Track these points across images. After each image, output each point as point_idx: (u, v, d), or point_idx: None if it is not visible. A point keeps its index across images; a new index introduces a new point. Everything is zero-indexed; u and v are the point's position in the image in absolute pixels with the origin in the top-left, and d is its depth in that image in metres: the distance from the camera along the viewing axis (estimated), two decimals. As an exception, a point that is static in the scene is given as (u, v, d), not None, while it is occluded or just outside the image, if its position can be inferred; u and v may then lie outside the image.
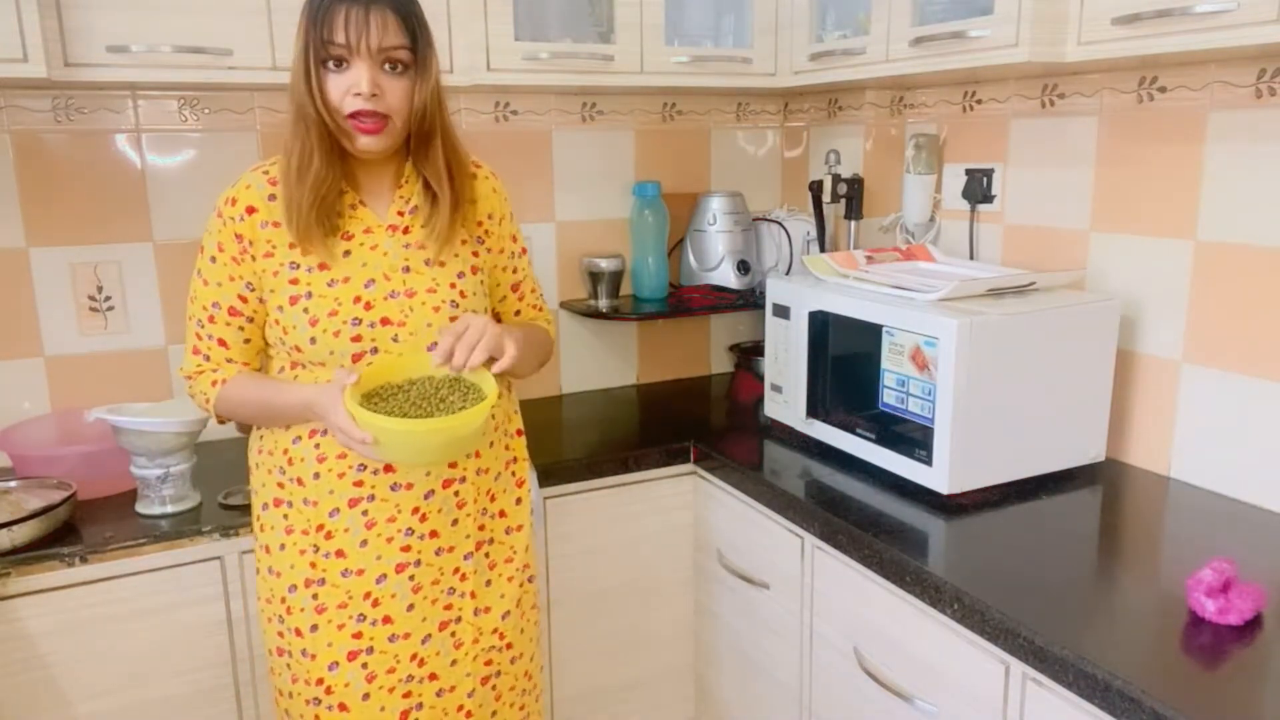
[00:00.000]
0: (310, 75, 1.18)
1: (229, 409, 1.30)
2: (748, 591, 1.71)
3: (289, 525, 1.30)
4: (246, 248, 1.25)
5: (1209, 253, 1.49)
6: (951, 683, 1.25)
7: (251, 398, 1.28)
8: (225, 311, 1.28)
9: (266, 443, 1.33)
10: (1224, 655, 1.04)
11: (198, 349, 1.31)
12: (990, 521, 1.41)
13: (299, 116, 1.21)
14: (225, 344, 1.29)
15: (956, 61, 1.52)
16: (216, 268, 1.27)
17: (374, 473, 1.26)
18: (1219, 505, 1.46)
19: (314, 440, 1.27)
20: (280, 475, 1.30)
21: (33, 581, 1.42)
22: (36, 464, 1.61)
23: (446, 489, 1.31)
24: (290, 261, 1.25)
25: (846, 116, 2.19)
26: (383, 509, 1.27)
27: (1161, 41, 1.25)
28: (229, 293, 1.27)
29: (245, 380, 1.29)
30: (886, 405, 1.56)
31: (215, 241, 1.27)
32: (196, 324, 1.30)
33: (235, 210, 1.26)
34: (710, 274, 2.22)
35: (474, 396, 1.20)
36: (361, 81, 1.18)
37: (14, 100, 1.72)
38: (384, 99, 1.20)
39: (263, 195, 1.26)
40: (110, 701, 1.49)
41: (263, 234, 1.26)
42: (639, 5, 1.86)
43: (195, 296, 1.30)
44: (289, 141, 1.22)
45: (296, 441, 1.28)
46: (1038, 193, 1.78)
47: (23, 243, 1.77)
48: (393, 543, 1.28)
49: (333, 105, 1.19)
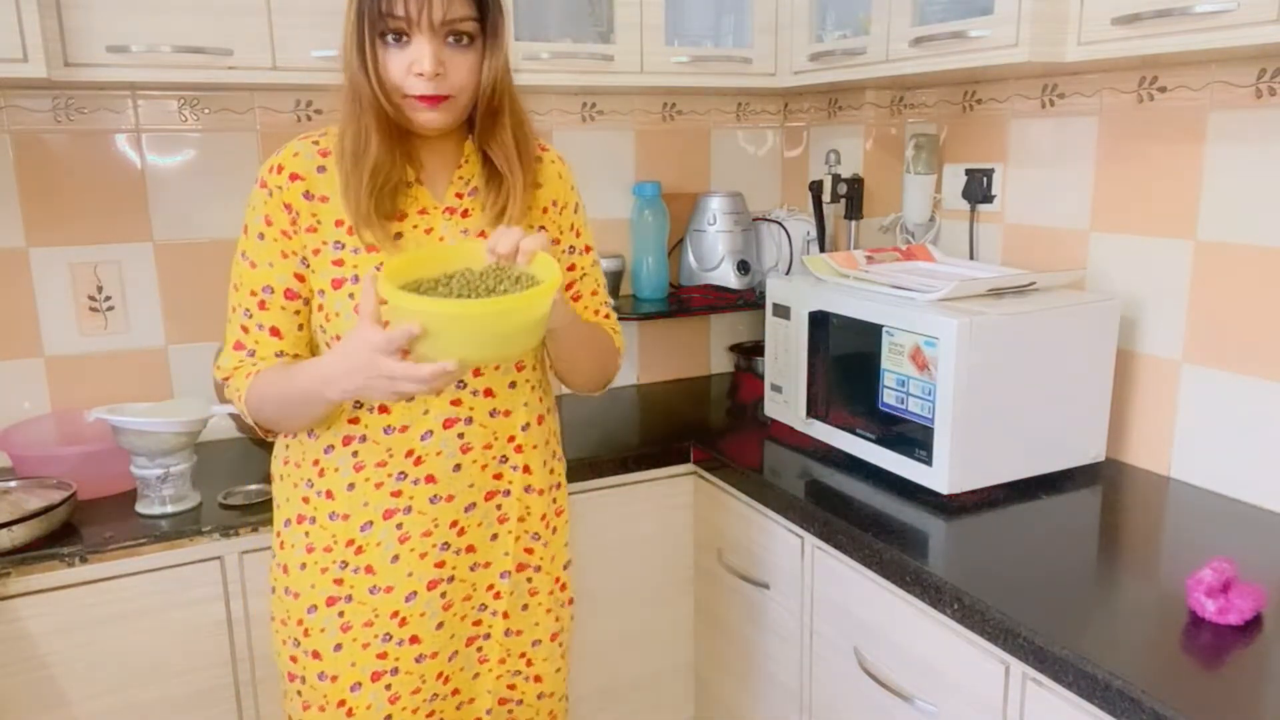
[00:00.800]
0: (365, 50, 1.06)
1: (258, 404, 1.15)
2: (748, 591, 1.71)
3: (310, 543, 1.20)
4: (295, 218, 1.13)
5: (1209, 253, 1.49)
6: (951, 683, 1.25)
7: (275, 381, 1.13)
8: (281, 295, 1.15)
9: (294, 453, 1.22)
10: (1224, 655, 1.04)
11: (241, 343, 1.17)
12: (990, 521, 1.41)
13: (353, 95, 1.10)
14: (279, 333, 1.16)
15: (956, 61, 1.52)
16: (266, 245, 1.14)
17: (414, 482, 1.17)
18: (1219, 505, 1.46)
19: (350, 448, 1.17)
20: (307, 489, 1.20)
21: (33, 581, 1.41)
22: (36, 464, 1.61)
23: (489, 501, 1.23)
24: (335, 240, 1.14)
25: (846, 116, 2.19)
26: (419, 522, 1.19)
27: (1161, 41, 1.25)
28: (283, 272, 1.15)
29: (273, 368, 1.15)
30: (886, 405, 1.56)
31: (262, 215, 1.14)
32: (243, 314, 1.16)
33: (280, 178, 1.13)
34: (710, 274, 2.22)
35: (529, 282, 1.03)
36: (423, 59, 1.05)
37: (14, 100, 1.72)
38: (448, 77, 1.08)
39: (311, 165, 1.14)
40: (110, 701, 1.49)
41: (307, 206, 1.14)
42: (639, 5, 1.86)
43: (240, 283, 1.16)
44: (343, 121, 1.12)
45: (329, 451, 1.18)
46: (1038, 193, 1.78)
47: (23, 243, 1.77)
48: (426, 558, 1.20)
49: (390, 84, 1.08)
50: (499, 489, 1.24)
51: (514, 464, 1.24)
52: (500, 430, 1.22)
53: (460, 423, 1.18)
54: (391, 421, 1.16)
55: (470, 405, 1.18)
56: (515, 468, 1.24)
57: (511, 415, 1.22)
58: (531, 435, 1.25)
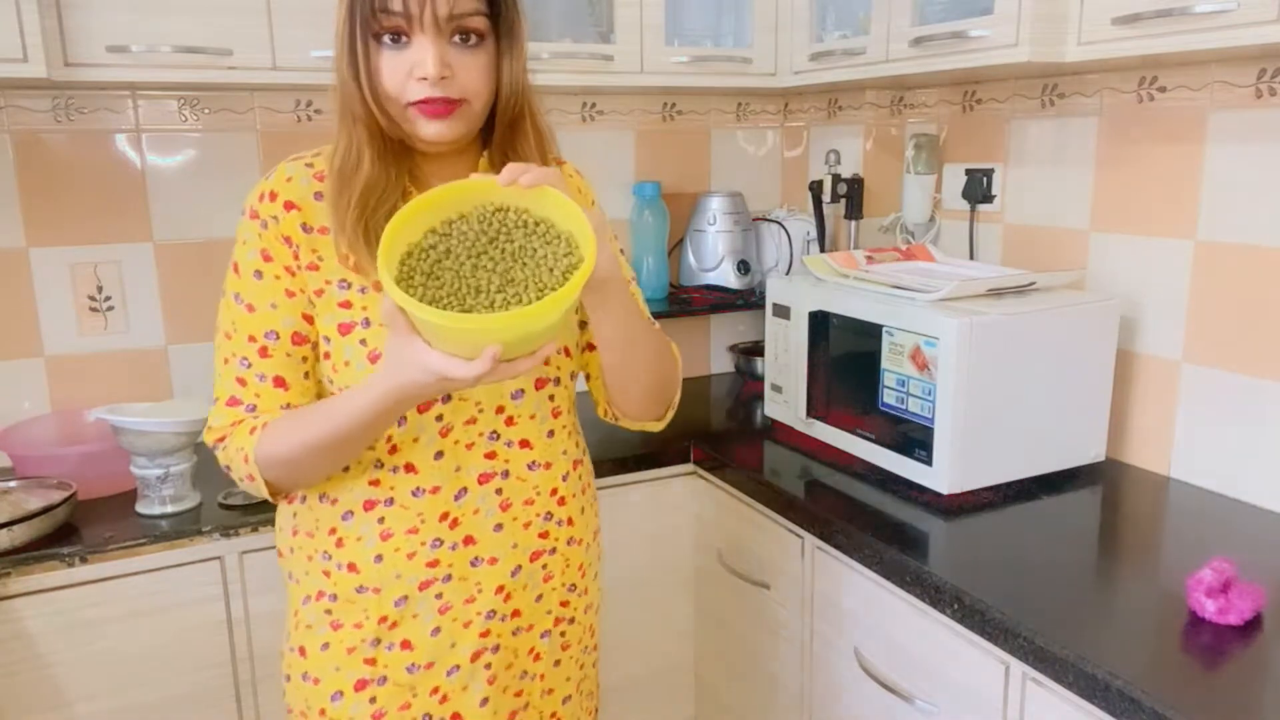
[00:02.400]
0: (356, 54, 0.93)
1: (270, 458, 0.97)
2: (748, 591, 1.71)
3: (335, 620, 1.05)
4: (296, 252, 0.99)
5: (1209, 253, 1.49)
6: (951, 683, 1.25)
7: (294, 427, 0.97)
8: (288, 340, 1.00)
9: (304, 521, 1.07)
10: (1224, 655, 1.04)
11: (238, 398, 1.00)
12: (990, 521, 1.41)
13: (344, 105, 0.96)
14: (284, 384, 1.01)
15: (956, 61, 1.52)
16: (266, 285, 0.99)
17: (451, 547, 1.04)
18: (1219, 505, 1.46)
19: (374, 515, 1.03)
20: (325, 561, 1.05)
21: (33, 581, 1.41)
22: (36, 464, 1.61)
23: (535, 562, 1.10)
24: (340, 279, 0.99)
25: (846, 116, 2.19)
26: (460, 589, 1.05)
27: (1161, 41, 1.25)
28: (289, 314, 1.00)
29: (285, 415, 0.99)
30: (886, 405, 1.56)
31: (258, 250, 0.99)
32: (240, 364, 1.00)
33: (275, 207, 0.99)
34: (710, 274, 2.22)
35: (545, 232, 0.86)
36: (426, 60, 0.91)
37: (14, 100, 1.72)
38: (455, 80, 0.94)
39: (307, 192, 1.00)
40: (110, 701, 1.49)
41: (306, 240, 0.99)
42: (639, 5, 1.86)
43: (235, 329, 1.01)
44: (336, 134, 0.99)
45: (349, 518, 1.03)
46: (1038, 193, 1.78)
47: (23, 243, 1.77)
48: (471, 627, 1.06)
49: (388, 92, 0.94)
50: (544, 548, 1.11)
51: (559, 518, 1.12)
52: (542, 484, 1.09)
53: (497, 477, 1.06)
54: (420, 483, 1.03)
55: (506, 458, 1.06)
56: (560, 522, 1.12)
57: (552, 467, 1.10)
58: (571, 484, 1.13)
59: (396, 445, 1.02)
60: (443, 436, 1.03)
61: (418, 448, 1.02)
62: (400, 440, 1.02)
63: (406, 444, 1.02)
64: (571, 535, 1.14)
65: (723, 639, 1.84)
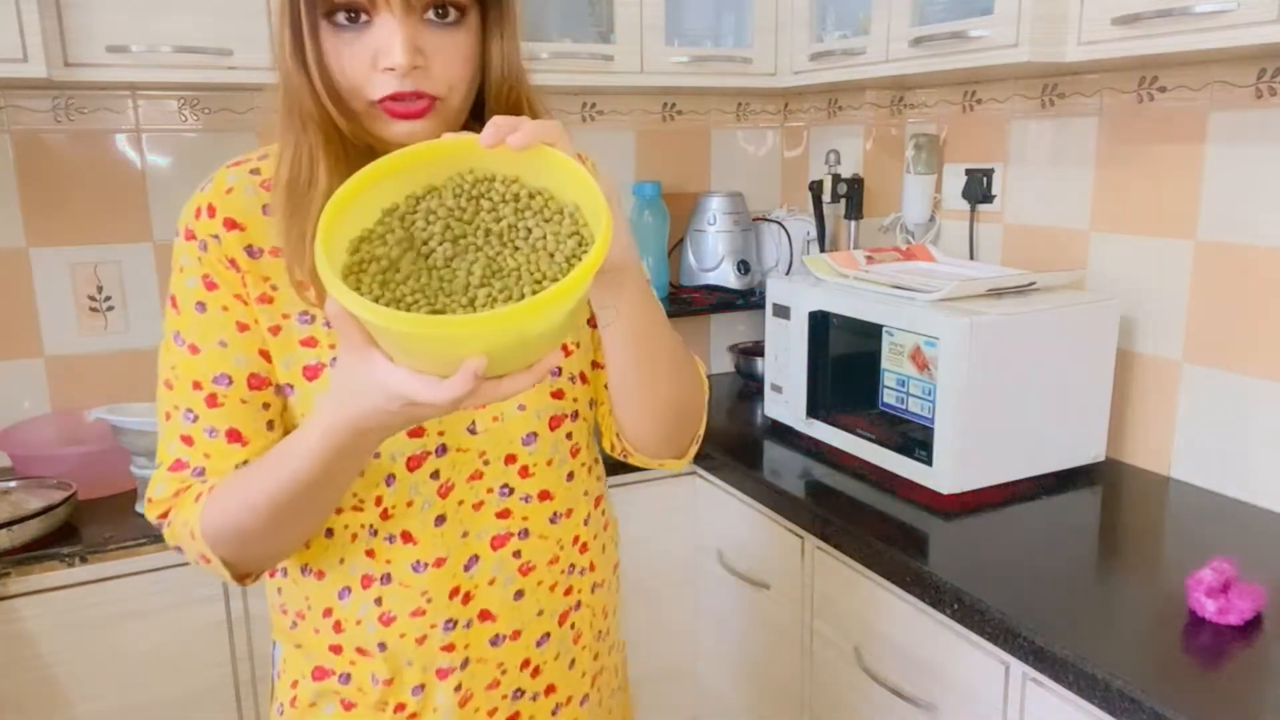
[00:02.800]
0: (303, 38, 0.74)
1: (222, 528, 0.78)
2: (748, 591, 1.71)
3: (347, 700, 0.90)
4: (244, 279, 0.81)
5: (1209, 253, 1.49)
6: (951, 683, 1.25)
7: (241, 488, 0.77)
8: (243, 384, 0.81)
9: (291, 599, 0.89)
10: (1224, 655, 1.04)
11: (183, 460, 0.81)
12: (990, 521, 1.41)
13: (289, 105, 0.77)
14: (240, 437, 0.81)
15: (956, 61, 1.52)
16: (211, 319, 0.80)
17: (467, 625, 0.87)
18: (1219, 505, 1.46)
19: (371, 593, 0.85)
20: (326, 638, 0.90)
21: (33, 581, 1.41)
22: (36, 464, 1.61)
23: (563, 625, 0.94)
24: (301, 311, 0.81)
25: (846, 116, 2.19)
26: (482, 673, 0.89)
27: (1161, 41, 1.24)
28: (242, 352, 0.81)
29: (232, 475, 0.80)
30: (886, 405, 1.56)
31: (198, 277, 0.80)
32: (184, 418, 0.81)
33: (214, 224, 0.80)
34: (710, 274, 2.22)
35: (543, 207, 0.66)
36: (393, 47, 0.72)
37: (14, 100, 1.72)
38: (430, 70, 0.75)
39: (252, 205, 0.81)
40: (110, 701, 1.49)
41: (254, 266, 0.80)
42: (639, 5, 1.86)
43: (177, 376, 0.82)
44: (279, 142, 0.79)
45: (345, 596, 0.86)
46: (1037, 193, 1.78)
47: (23, 243, 1.77)
48: (497, 714, 0.91)
49: (344, 87, 0.75)
50: (570, 605, 0.95)
51: (581, 567, 0.95)
52: (564, 536, 0.93)
53: (514, 538, 0.89)
54: (421, 555, 0.85)
55: (523, 514, 0.89)
56: (583, 571, 0.96)
57: (574, 513, 0.94)
58: (594, 525, 0.97)
59: (389, 510, 0.84)
60: (443, 497, 0.85)
61: (413, 513, 0.85)
62: (392, 503, 0.84)
63: (400, 508, 0.84)
64: (595, 581, 0.98)
65: (723, 639, 1.84)
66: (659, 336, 0.83)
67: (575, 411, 0.92)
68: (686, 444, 0.96)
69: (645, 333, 0.81)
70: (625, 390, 0.87)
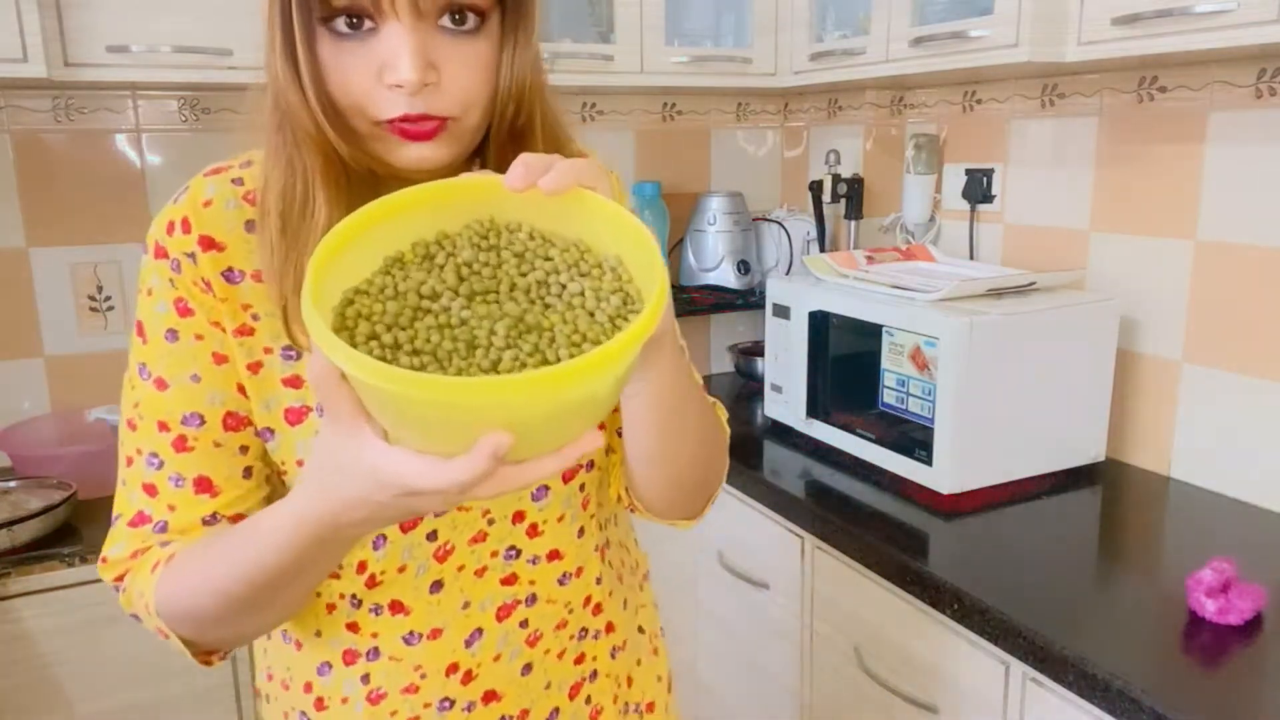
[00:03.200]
0: (295, 45, 0.63)
1: (177, 607, 0.67)
2: (748, 591, 1.71)
3: None
4: (221, 306, 0.70)
5: (1209, 253, 1.49)
6: (951, 683, 1.25)
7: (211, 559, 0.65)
8: (218, 424, 0.70)
9: (275, 663, 0.81)
10: (1224, 655, 1.04)
11: (146, 514, 0.70)
12: (990, 521, 1.41)
13: (280, 123, 0.67)
14: (210, 486, 0.70)
15: (956, 61, 1.52)
16: (183, 349, 0.70)
17: (467, 708, 0.77)
18: (1219, 505, 1.46)
19: (356, 670, 0.76)
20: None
21: (33, 581, 1.41)
22: (36, 464, 1.61)
23: (575, 698, 0.84)
24: (284, 346, 0.71)
25: (846, 116, 2.19)
26: None
27: (1161, 41, 1.24)
28: (218, 388, 0.70)
29: (196, 544, 0.68)
30: (886, 405, 1.56)
31: (169, 302, 0.70)
32: (148, 463, 0.70)
33: (187, 242, 0.69)
34: (710, 274, 2.22)
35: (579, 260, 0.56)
36: (401, 61, 0.62)
37: (14, 100, 1.72)
38: (443, 87, 0.64)
39: (233, 222, 0.71)
40: (110, 701, 1.49)
41: (235, 293, 0.70)
42: (639, 5, 1.86)
43: (140, 415, 0.70)
44: (268, 163, 0.69)
45: (326, 672, 0.76)
46: (1038, 193, 1.77)
47: (23, 243, 1.77)
48: None
49: (346, 104, 0.64)
50: (584, 674, 0.84)
51: (594, 630, 0.84)
52: (574, 598, 0.82)
53: (521, 606, 0.79)
54: (415, 626, 0.75)
55: (530, 578, 0.79)
56: (597, 634, 0.84)
57: (585, 571, 0.83)
58: (607, 581, 0.85)
59: (376, 577, 0.73)
60: (440, 561, 0.75)
61: (405, 580, 0.74)
62: (381, 568, 0.73)
63: (390, 575, 0.74)
64: (614, 645, 0.86)
65: (723, 639, 1.84)
66: (688, 411, 0.72)
67: (590, 461, 0.81)
68: (702, 506, 0.84)
69: (674, 407, 0.70)
70: (644, 461, 0.75)
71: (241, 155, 0.75)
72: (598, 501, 0.84)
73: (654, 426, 0.70)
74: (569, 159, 0.56)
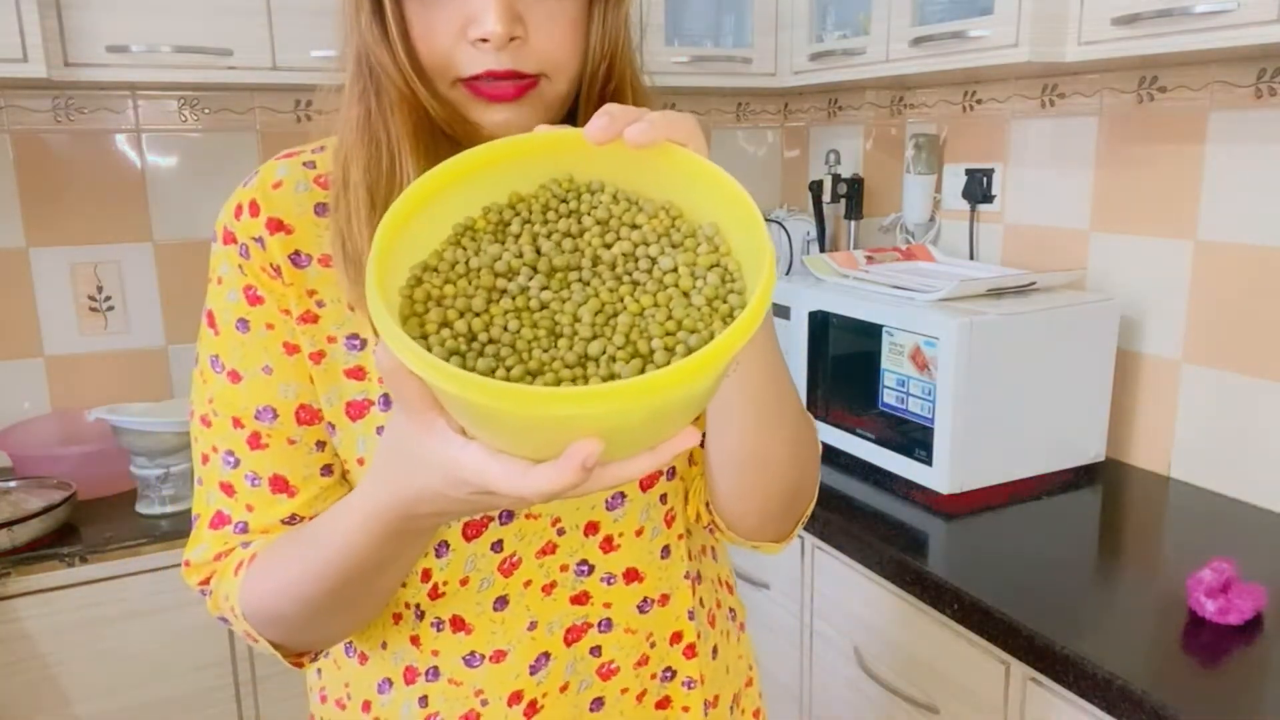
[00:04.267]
0: (384, 8, 0.60)
1: (264, 609, 0.65)
2: (748, 591, 1.71)
3: None
4: (289, 291, 0.67)
5: (1209, 253, 1.49)
6: (951, 683, 1.25)
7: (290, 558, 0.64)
8: (291, 419, 0.67)
9: (331, 682, 0.76)
10: (1224, 655, 1.04)
11: (225, 514, 0.68)
12: (990, 521, 1.41)
13: (364, 87, 0.63)
14: (287, 486, 0.67)
15: (956, 61, 1.52)
16: (254, 340, 0.66)
17: None
18: (1219, 505, 1.46)
19: (415, 690, 0.71)
20: None
21: (33, 581, 1.41)
22: (36, 464, 1.61)
23: None
24: (349, 334, 0.67)
25: (846, 116, 2.19)
26: None
27: (1161, 42, 1.24)
28: (291, 379, 0.67)
29: (280, 540, 0.66)
30: (886, 405, 1.56)
31: (239, 290, 0.67)
32: (224, 462, 0.67)
33: (255, 225, 0.66)
34: (710, 274, 2.22)
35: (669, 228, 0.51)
36: (486, 13, 0.58)
37: (14, 100, 1.72)
38: (530, 43, 0.61)
39: (303, 204, 0.67)
40: (110, 701, 1.49)
41: (301, 278, 0.66)
42: (639, 5, 1.86)
43: (214, 410, 0.67)
44: (349, 138, 0.64)
45: (386, 689, 0.72)
46: (1038, 193, 1.77)
47: (23, 243, 1.77)
48: None
49: (431, 62, 0.61)
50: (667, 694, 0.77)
51: (686, 677, 0.76)
52: (658, 630, 0.75)
53: (593, 630, 0.72)
54: (476, 646, 0.70)
55: (604, 599, 0.72)
56: (689, 683, 0.76)
57: (671, 600, 0.75)
58: (700, 619, 0.78)
59: (438, 587, 0.69)
60: (505, 575, 0.69)
61: (468, 594, 0.69)
62: (443, 579, 0.68)
63: (452, 587, 0.69)
64: (707, 698, 0.78)
65: (723, 639, 1.84)
66: (782, 398, 0.67)
67: (673, 469, 0.74)
68: (791, 527, 0.77)
69: (768, 393, 0.64)
70: (732, 462, 0.69)
71: (313, 143, 0.71)
72: (684, 523, 0.76)
73: (746, 415, 0.65)
74: (661, 113, 0.51)
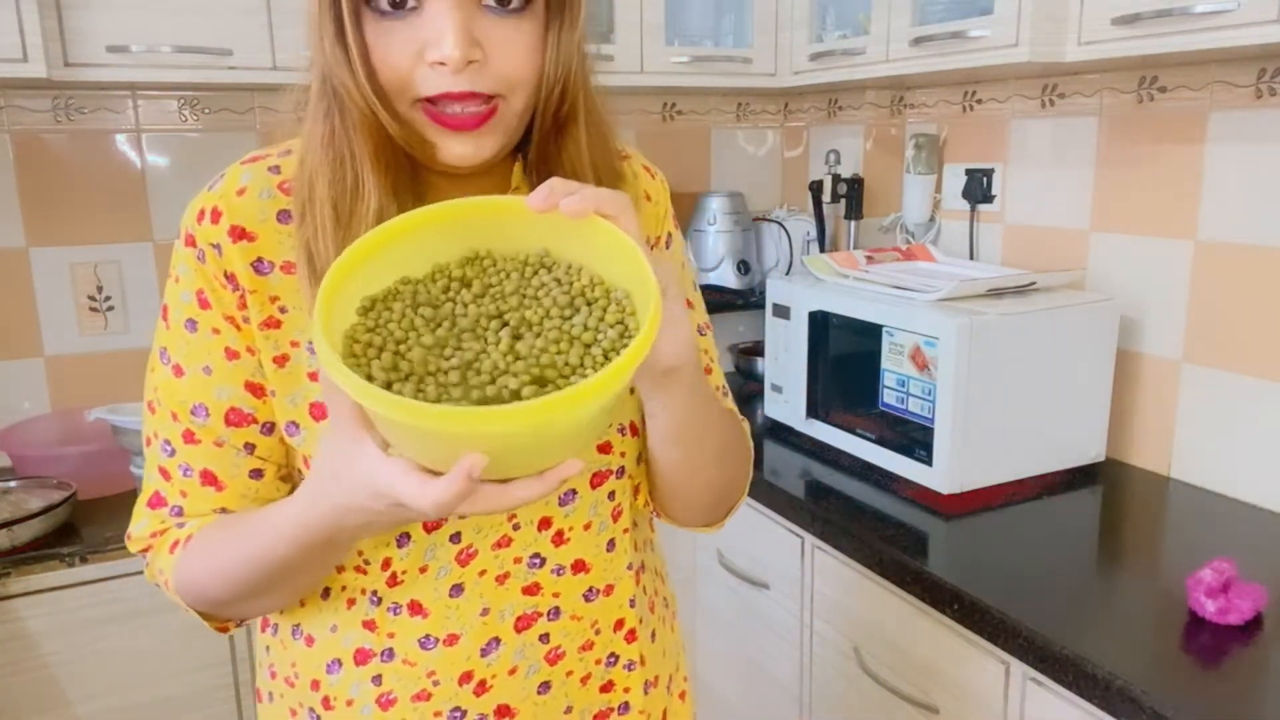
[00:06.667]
0: (344, 26, 0.63)
1: (195, 587, 0.71)
2: (748, 591, 1.71)
3: None
4: (243, 299, 0.70)
5: (1209, 253, 1.49)
6: (951, 683, 1.25)
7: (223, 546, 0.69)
8: (219, 420, 0.71)
9: (279, 660, 0.80)
10: (1224, 655, 1.04)
11: (162, 496, 0.73)
12: (990, 521, 1.41)
13: (327, 107, 0.66)
14: (215, 481, 0.72)
15: (956, 61, 1.52)
16: (198, 341, 0.71)
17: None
18: (1219, 505, 1.46)
19: (368, 670, 0.74)
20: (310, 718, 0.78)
21: (33, 581, 1.41)
22: (36, 464, 1.61)
23: None
24: (311, 341, 0.68)
25: (846, 116, 2.19)
26: None
27: (1161, 41, 1.24)
28: (225, 383, 0.71)
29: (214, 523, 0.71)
30: (886, 405, 1.56)
31: (192, 292, 0.70)
32: (162, 449, 0.72)
33: (215, 232, 0.68)
34: (710, 274, 2.22)
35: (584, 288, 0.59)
36: (444, 36, 0.62)
37: (14, 100, 1.72)
38: (489, 66, 0.64)
39: (265, 211, 0.70)
40: (110, 701, 1.49)
41: (261, 284, 0.69)
42: (639, 5, 1.86)
43: (158, 399, 0.73)
44: (315, 153, 0.67)
45: (335, 669, 0.75)
46: (1038, 193, 1.78)
47: (23, 243, 1.77)
48: None
49: (390, 84, 0.64)
50: (612, 705, 0.81)
51: (627, 660, 0.82)
52: (603, 617, 0.80)
53: (542, 619, 0.77)
54: (431, 630, 0.74)
55: (554, 590, 0.77)
56: (630, 665, 0.82)
57: (615, 590, 0.80)
58: (640, 606, 0.83)
59: (398, 575, 0.73)
60: (462, 565, 0.73)
61: (426, 580, 0.73)
62: (403, 568, 0.72)
63: (411, 574, 0.72)
64: (648, 679, 0.83)
65: (723, 639, 1.84)
66: (708, 434, 0.75)
67: (621, 468, 0.78)
68: (721, 516, 0.86)
69: (692, 432, 0.73)
70: (664, 475, 0.78)
71: (281, 145, 0.74)
72: (632, 517, 0.81)
73: (673, 446, 0.73)
74: (597, 189, 0.58)
